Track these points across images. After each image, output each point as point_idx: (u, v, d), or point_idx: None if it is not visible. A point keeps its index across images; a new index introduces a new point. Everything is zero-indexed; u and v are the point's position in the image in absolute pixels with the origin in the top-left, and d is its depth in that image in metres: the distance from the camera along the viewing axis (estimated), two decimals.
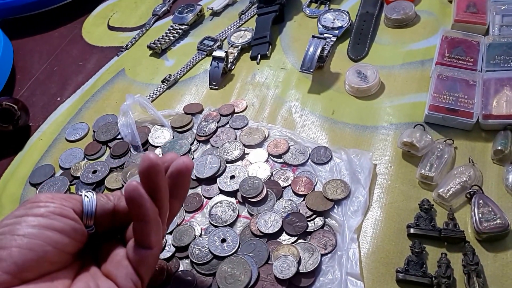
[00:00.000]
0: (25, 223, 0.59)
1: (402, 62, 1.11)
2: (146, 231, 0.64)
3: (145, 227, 0.64)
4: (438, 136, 0.95)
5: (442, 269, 0.74)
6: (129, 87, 1.24)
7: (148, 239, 0.65)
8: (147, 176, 0.64)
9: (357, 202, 0.86)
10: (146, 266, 0.66)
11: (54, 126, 1.18)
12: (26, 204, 0.62)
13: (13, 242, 0.57)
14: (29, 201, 0.63)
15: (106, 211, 0.68)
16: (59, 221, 0.61)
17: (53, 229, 0.60)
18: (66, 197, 0.65)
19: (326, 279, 0.77)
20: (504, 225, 0.77)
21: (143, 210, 0.63)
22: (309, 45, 1.11)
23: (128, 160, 1.03)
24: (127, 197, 0.63)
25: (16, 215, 0.60)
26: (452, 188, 0.84)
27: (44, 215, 0.61)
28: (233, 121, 1.06)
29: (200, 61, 1.27)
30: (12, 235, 0.58)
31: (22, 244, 0.57)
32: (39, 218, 0.60)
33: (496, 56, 1.01)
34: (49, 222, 0.60)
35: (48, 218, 0.60)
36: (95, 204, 0.66)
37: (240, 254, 0.82)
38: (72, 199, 0.65)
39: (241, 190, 0.91)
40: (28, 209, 0.61)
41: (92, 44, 1.42)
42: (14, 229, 0.58)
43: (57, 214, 0.61)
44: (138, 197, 0.63)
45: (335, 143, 0.98)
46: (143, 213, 0.63)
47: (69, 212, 0.63)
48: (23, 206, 0.62)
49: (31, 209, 0.61)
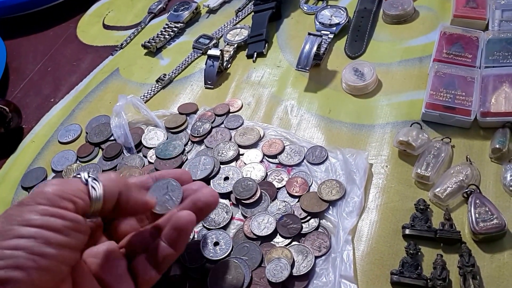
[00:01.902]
0: (43, 240, 0.56)
1: (400, 59, 1.11)
2: (171, 258, 0.68)
3: (171, 256, 0.68)
4: (435, 134, 0.94)
5: (438, 271, 0.74)
6: (123, 87, 1.24)
7: (165, 266, 0.68)
8: (204, 213, 0.71)
9: (352, 202, 0.86)
10: (148, 286, 0.68)
11: (47, 128, 1.18)
12: (37, 205, 0.58)
13: (30, 262, 0.54)
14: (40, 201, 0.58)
15: (111, 201, 0.65)
16: (75, 237, 0.59)
17: (69, 247, 0.58)
18: (74, 192, 0.60)
19: (320, 282, 0.77)
20: (501, 225, 0.77)
21: (184, 242, 0.68)
22: (305, 42, 1.11)
23: (121, 162, 1.03)
24: (182, 226, 0.67)
25: (30, 222, 0.56)
26: (449, 187, 0.84)
27: (61, 231, 0.58)
28: (228, 121, 1.06)
29: (196, 59, 1.27)
30: (29, 253, 0.54)
31: (41, 266, 0.55)
32: (57, 235, 0.57)
33: (495, 52, 1.00)
34: (66, 241, 0.58)
35: (65, 235, 0.58)
36: (102, 196, 0.62)
37: (232, 257, 0.82)
38: (80, 194, 0.61)
39: (235, 191, 0.91)
40: (42, 216, 0.57)
41: (87, 44, 1.42)
42: (31, 247, 0.55)
43: (72, 230, 0.59)
44: (190, 230, 0.69)
45: (331, 143, 0.98)
46: (181, 245, 0.68)
47: (82, 226, 0.61)
48: (35, 208, 0.57)
49: (47, 219, 0.57)
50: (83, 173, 0.63)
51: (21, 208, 0.58)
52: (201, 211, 0.71)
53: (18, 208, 0.58)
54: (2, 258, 0.53)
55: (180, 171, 0.78)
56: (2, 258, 0.53)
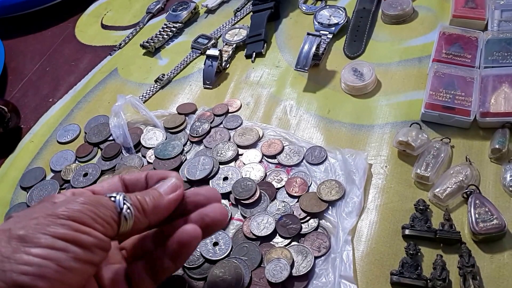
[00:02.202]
0: (72, 254, 0.56)
1: (399, 59, 1.11)
2: (170, 271, 0.68)
3: (171, 270, 0.68)
4: (434, 134, 0.95)
5: (438, 271, 0.74)
6: (122, 87, 1.24)
7: (163, 278, 0.68)
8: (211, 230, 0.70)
9: (351, 203, 0.86)
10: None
11: (46, 128, 1.18)
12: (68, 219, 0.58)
13: (58, 275, 0.54)
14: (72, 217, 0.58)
15: (138, 231, 0.68)
16: (99, 255, 0.60)
17: (93, 264, 0.59)
18: (106, 217, 0.61)
19: (320, 282, 0.78)
20: (501, 225, 0.77)
21: (186, 258, 0.69)
22: (304, 42, 1.11)
23: (119, 162, 1.03)
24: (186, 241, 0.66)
25: (62, 235, 0.56)
26: (449, 188, 0.84)
27: (90, 249, 0.58)
28: (227, 121, 1.06)
29: (194, 60, 1.27)
30: (57, 265, 0.55)
31: (65, 280, 0.55)
32: (86, 252, 0.57)
33: (495, 52, 1.01)
34: (92, 258, 0.58)
35: (92, 252, 0.58)
36: (132, 225, 0.64)
37: (232, 257, 0.82)
38: (111, 222, 0.61)
39: (234, 192, 0.91)
40: (74, 231, 0.57)
41: (85, 44, 1.42)
42: (61, 260, 0.55)
43: (99, 248, 0.59)
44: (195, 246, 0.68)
45: (331, 143, 0.98)
46: (182, 261, 0.69)
47: (108, 245, 0.61)
48: (67, 223, 0.57)
49: (78, 235, 0.57)
50: (119, 197, 0.63)
51: (53, 219, 0.57)
52: (207, 228, 0.69)
53: (50, 217, 0.58)
54: (31, 265, 0.53)
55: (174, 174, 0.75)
56: (31, 265, 0.53)
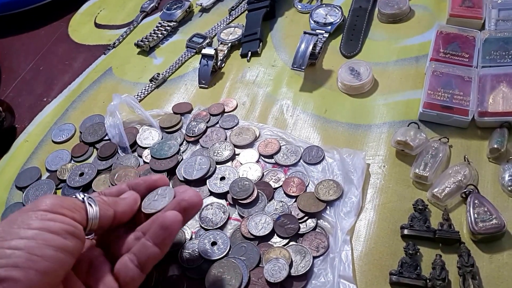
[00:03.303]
0: (43, 241, 0.58)
1: (396, 58, 1.11)
2: (155, 257, 0.69)
3: (156, 255, 0.69)
4: (432, 134, 0.95)
5: (437, 271, 0.75)
6: (116, 86, 1.24)
7: (149, 265, 0.69)
8: (190, 213, 0.73)
9: (350, 203, 0.87)
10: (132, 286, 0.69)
11: (41, 127, 1.18)
12: (37, 211, 0.61)
13: (30, 263, 0.56)
14: (40, 207, 0.62)
15: (108, 220, 0.69)
16: (72, 242, 0.61)
17: (67, 251, 0.60)
18: (73, 206, 0.65)
19: (318, 282, 0.78)
20: (500, 225, 0.78)
21: (169, 241, 0.70)
22: (301, 41, 1.11)
23: (115, 162, 1.03)
24: (168, 225, 0.68)
25: (30, 225, 0.59)
26: (447, 187, 0.84)
27: (60, 234, 0.60)
28: (223, 120, 1.07)
29: (189, 59, 1.27)
30: (29, 253, 0.57)
31: (39, 267, 0.57)
32: (55, 237, 0.60)
33: (492, 52, 1.01)
34: (65, 244, 0.60)
35: (63, 238, 0.60)
36: (99, 213, 0.67)
37: (230, 257, 0.82)
38: (79, 208, 0.65)
39: (231, 191, 0.91)
40: (42, 220, 0.60)
41: (79, 43, 1.42)
42: (31, 247, 0.57)
43: (70, 234, 0.61)
44: (177, 229, 0.70)
45: (328, 143, 0.98)
46: (167, 244, 0.70)
47: (80, 232, 0.63)
48: (35, 214, 0.61)
49: (47, 223, 0.60)
50: (79, 194, 0.68)
51: (21, 214, 0.61)
52: (186, 211, 0.72)
53: (19, 213, 0.61)
54: (3, 257, 0.55)
55: (157, 177, 0.80)
56: (3, 257, 0.55)
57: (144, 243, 0.69)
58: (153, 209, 0.73)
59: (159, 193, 0.76)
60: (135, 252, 0.69)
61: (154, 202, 0.75)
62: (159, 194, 0.76)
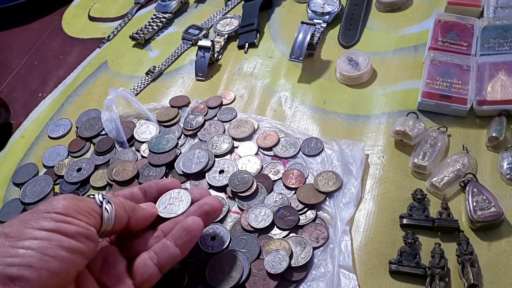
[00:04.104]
0: (56, 242, 0.60)
1: (395, 47, 1.14)
2: (175, 258, 0.73)
3: (176, 257, 0.73)
4: (431, 123, 0.98)
5: (436, 260, 0.77)
6: (112, 80, 1.26)
7: (168, 265, 0.73)
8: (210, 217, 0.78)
9: (349, 193, 0.89)
10: (147, 286, 0.72)
11: (36, 123, 1.20)
12: (52, 213, 0.63)
13: (43, 263, 0.58)
14: (55, 210, 0.63)
15: (121, 225, 0.71)
16: (86, 244, 0.63)
17: (80, 253, 0.62)
18: (88, 209, 0.66)
19: (318, 272, 0.81)
20: (499, 213, 0.80)
21: (191, 245, 0.74)
22: (298, 32, 1.13)
23: (113, 157, 1.05)
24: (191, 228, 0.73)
25: (44, 226, 0.61)
26: (446, 177, 0.87)
27: (74, 237, 0.62)
28: (221, 113, 1.09)
29: (186, 51, 1.30)
30: (42, 253, 0.58)
31: (52, 268, 0.58)
32: (70, 240, 0.61)
33: (491, 40, 1.04)
34: (79, 246, 0.62)
35: (77, 241, 0.62)
36: (114, 218, 0.69)
37: (231, 250, 0.85)
38: (93, 213, 0.67)
39: (231, 184, 0.94)
40: (56, 222, 0.62)
41: (73, 36, 1.44)
42: (44, 248, 0.59)
43: (84, 237, 0.63)
44: (198, 235, 0.75)
45: (327, 134, 1.01)
46: (187, 247, 0.74)
47: (94, 234, 0.65)
48: (50, 215, 0.62)
49: (61, 225, 0.62)
50: (98, 195, 0.69)
51: (36, 214, 0.62)
52: (207, 215, 0.77)
53: (33, 214, 0.63)
54: (16, 257, 0.57)
55: (168, 180, 0.85)
56: (16, 257, 0.57)
57: (166, 243, 0.72)
58: (173, 214, 0.77)
59: (173, 196, 0.80)
60: (156, 251, 0.72)
61: (171, 205, 0.78)
62: (174, 197, 0.79)
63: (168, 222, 0.76)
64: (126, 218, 0.71)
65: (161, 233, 0.75)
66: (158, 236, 0.74)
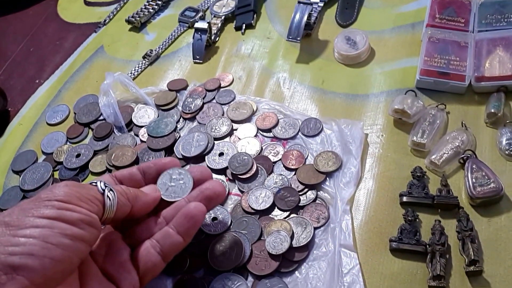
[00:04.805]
0: (58, 230, 0.61)
1: (393, 26, 1.15)
2: (178, 246, 0.74)
3: (179, 244, 0.74)
4: (430, 101, 0.99)
5: (436, 236, 0.79)
6: (109, 64, 1.28)
7: (172, 254, 0.74)
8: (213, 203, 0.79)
9: (349, 173, 0.91)
10: (151, 275, 0.73)
11: (34, 110, 1.21)
12: (53, 201, 0.63)
13: (45, 251, 0.58)
14: (56, 197, 0.64)
15: (123, 213, 0.72)
16: (89, 232, 0.64)
17: (83, 240, 0.63)
18: (90, 196, 0.67)
19: (320, 252, 0.82)
20: (498, 189, 0.82)
21: (193, 232, 0.75)
22: (295, 11, 1.14)
23: (112, 142, 1.07)
24: (193, 215, 0.74)
25: (45, 214, 0.61)
26: (445, 154, 0.89)
27: (76, 224, 0.62)
28: (220, 96, 1.10)
29: (182, 33, 1.31)
30: (44, 241, 0.59)
31: (55, 256, 0.59)
32: (73, 227, 0.62)
33: (488, 16, 1.05)
34: (81, 233, 0.63)
35: (79, 228, 0.63)
36: (116, 206, 0.70)
37: (232, 231, 0.86)
38: (95, 200, 0.67)
39: (231, 167, 0.95)
40: (58, 210, 0.62)
41: (69, 22, 1.45)
42: (46, 236, 0.59)
43: (86, 224, 0.64)
44: (201, 220, 0.75)
45: (326, 114, 1.02)
46: (190, 235, 0.75)
47: (96, 222, 0.66)
48: (51, 203, 0.63)
49: (62, 212, 0.62)
50: (100, 183, 0.70)
51: (37, 202, 0.63)
52: (210, 200, 0.78)
53: (34, 202, 0.63)
54: (18, 245, 0.57)
55: (167, 160, 0.85)
56: (18, 245, 0.57)
57: (168, 231, 0.74)
58: (176, 197, 0.79)
59: (174, 177, 0.81)
60: (158, 239, 0.73)
61: (173, 187, 0.80)
62: (174, 178, 0.81)
63: (170, 208, 0.77)
64: (128, 206, 0.72)
65: (163, 220, 0.76)
66: (161, 223, 0.76)
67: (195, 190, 0.79)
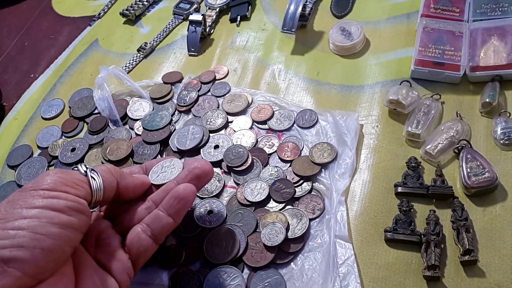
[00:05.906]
0: (46, 220, 0.61)
1: (388, 16, 1.16)
2: (169, 227, 0.74)
3: (170, 226, 0.74)
4: (425, 91, 1.00)
5: (431, 226, 0.80)
6: (103, 58, 1.28)
7: (163, 235, 0.74)
8: (202, 181, 0.79)
9: (344, 164, 0.92)
10: (144, 258, 0.73)
11: (29, 104, 1.22)
12: (39, 190, 0.64)
13: (35, 242, 0.59)
14: (42, 186, 0.64)
15: (111, 191, 0.73)
16: (77, 218, 0.64)
17: (72, 227, 0.63)
18: (75, 180, 0.67)
19: (315, 243, 0.83)
20: (493, 178, 0.82)
21: (183, 212, 0.75)
22: (290, 3, 1.15)
23: (107, 136, 1.07)
24: (183, 196, 0.74)
25: (33, 204, 0.62)
26: (440, 144, 0.89)
27: (64, 211, 0.63)
28: (215, 88, 1.11)
29: (177, 26, 1.32)
30: (33, 232, 0.59)
31: (45, 246, 0.59)
32: (60, 215, 0.62)
33: (483, 5, 1.05)
34: (70, 220, 0.63)
35: (68, 215, 0.63)
36: (102, 184, 0.70)
37: (227, 224, 0.87)
38: (81, 183, 0.68)
39: (226, 159, 0.96)
40: (44, 198, 0.63)
41: (63, 15, 1.46)
42: (35, 226, 0.60)
43: (74, 210, 0.64)
44: (191, 200, 0.75)
45: (321, 105, 1.03)
46: (180, 215, 0.75)
47: (85, 207, 0.66)
48: (37, 193, 0.63)
49: (50, 201, 0.63)
50: (81, 166, 0.71)
51: (23, 193, 0.63)
52: (199, 179, 0.78)
53: (21, 193, 0.64)
54: (7, 238, 0.58)
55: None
56: (7, 238, 0.58)
57: (158, 213, 0.74)
58: (165, 180, 0.79)
59: (166, 165, 0.82)
60: (148, 222, 0.73)
61: (163, 174, 0.80)
62: (166, 166, 0.81)
63: (158, 192, 0.77)
64: (114, 182, 0.73)
65: (152, 203, 0.76)
66: (150, 207, 0.76)
67: (183, 171, 0.79)
